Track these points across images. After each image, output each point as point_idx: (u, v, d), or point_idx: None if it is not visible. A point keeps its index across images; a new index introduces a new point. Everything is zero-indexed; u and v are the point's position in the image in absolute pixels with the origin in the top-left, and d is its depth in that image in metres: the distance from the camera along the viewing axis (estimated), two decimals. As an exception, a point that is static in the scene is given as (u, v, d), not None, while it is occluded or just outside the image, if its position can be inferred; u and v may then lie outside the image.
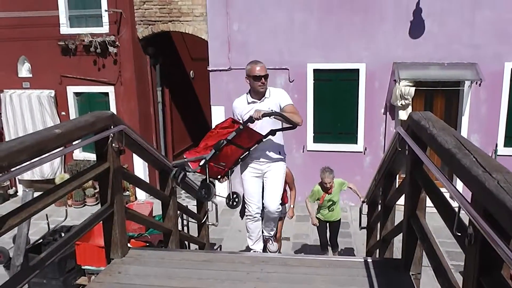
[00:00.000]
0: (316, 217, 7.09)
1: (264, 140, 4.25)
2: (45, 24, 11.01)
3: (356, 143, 10.10)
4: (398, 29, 9.53)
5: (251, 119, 3.93)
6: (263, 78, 4.25)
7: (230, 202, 4.56)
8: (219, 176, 4.49)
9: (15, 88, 11.61)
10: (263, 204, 4.60)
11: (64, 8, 11.08)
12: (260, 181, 4.56)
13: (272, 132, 4.23)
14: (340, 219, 7.23)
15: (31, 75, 11.59)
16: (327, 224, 7.16)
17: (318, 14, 9.72)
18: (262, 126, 4.18)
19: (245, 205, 4.74)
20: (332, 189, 6.84)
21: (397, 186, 3.99)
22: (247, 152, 4.35)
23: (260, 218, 4.69)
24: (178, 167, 4.29)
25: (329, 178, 6.72)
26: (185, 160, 4.24)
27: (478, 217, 1.50)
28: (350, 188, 7.08)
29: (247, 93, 4.45)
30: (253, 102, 4.36)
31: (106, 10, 10.78)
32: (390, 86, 9.68)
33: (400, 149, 3.25)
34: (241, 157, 4.37)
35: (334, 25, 9.72)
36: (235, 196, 4.54)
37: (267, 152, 4.41)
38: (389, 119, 9.89)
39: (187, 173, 4.33)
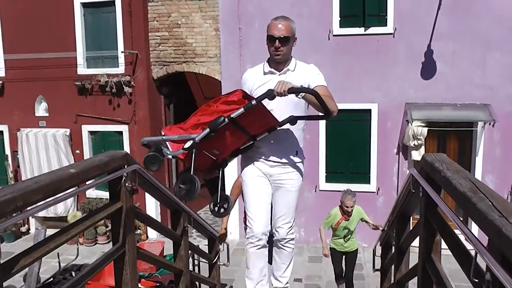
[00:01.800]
0: (329, 247, 6.72)
1: (278, 128, 3.03)
2: (63, 65, 11.31)
3: (369, 183, 10.03)
4: (410, 70, 9.61)
5: (271, 93, 2.70)
6: (278, 41, 3.00)
7: (216, 209, 3.25)
8: (205, 169, 3.20)
9: (31, 126, 11.83)
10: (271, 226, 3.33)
11: (82, 50, 11.40)
12: (267, 189, 3.26)
13: (293, 120, 3.01)
14: (357, 249, 6.86)
15: (47, 114, 11.82)
16: (343, 256, 6.81)
17: (331, 55, 9.86)
18: (280, 109, 2.97)
19: (246, 222, 3.42)
20: (350, 215, 6.51)
21: (411, 228, 3.93)
22: (252, 143, 3.12)
23: (267, 245, 3.32)
24: (151, 147, 2.98)
25: (351, 201, 6.38)
26: (162, 137, 2.94)
27: (496, 263, 1.47)
28: (367, 222, 6.70)
29: (265, 62, 3.22)
30: (271, 73, 3.14)
31: (122, 52, 11.06)
32: (403, 126, 9.69)
33: (414, 191, 3.22)
34: (242, 148, 3.13)
35: (347, 66, 9.84)
36: (224, 199, 3.25)
37: (280, 149, 3.16)
38: (402, 159, 9.84)
39: (163, 157, 2.98)
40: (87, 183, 2.96)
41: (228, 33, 10.32)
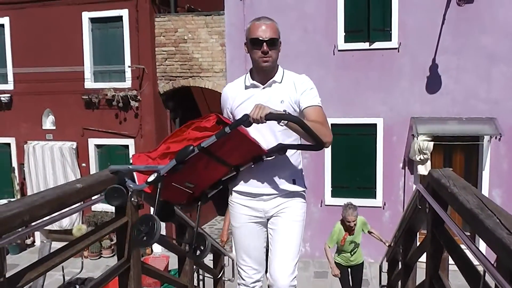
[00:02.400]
0: (335, 262, 6.54)
1: (267, 159, 2.53)
2: (70, 79, 11.41)
3: (375, 197, 9.98)
4: (414, 84, 9.62)
5: (246, 119, 2.16)
6: (266, 45, 2.45)
7: (192, 251, 2.75)
8: (182, 203, 2.75)
9: (38, 139, 11.91)
10: (266, 267, 2.74)
11: (89, 64, 11.50)
12: (263, 231, 2.74)
13: (281, 149, 2.49)
14: (363, 262, 6.69)
15: (54, 127, 11.90)
16: (349, 269, 6.62)
17: (336, 70, 9.89)
18: (264, 135, 2.50)
19: (237, 268, 2.92)
20: (354, 228, 6.32)
21: (418, 244, 3.90)
22: (235, 173, 2.62)
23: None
24: (117, 176, 2.57)
25: (353, 216, 6.18)
26: (129, 167, 2.54)
27: (505, 282, 1.46)
28: (371, 233, 6.60)
29: (247, 73, 2.66)
30: (254, 87, 2.58)
31: (129, 66, 11.16)
32: (408, 140, 9.67)
33: (420, 207, 3.21)
34: (224, 179, 2.64)
35: (351, 81, 9.87)
36: (201, 240, 2.71)
37: (273, 177, 2.59)
38: (408, 174, 9.80)
39: (130, 191, 2.55)
40: (93, 198, 2.97)
41: (234, 48, 10.39)
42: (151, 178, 2.33)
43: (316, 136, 2.24)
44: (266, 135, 2.52)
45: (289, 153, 2.59)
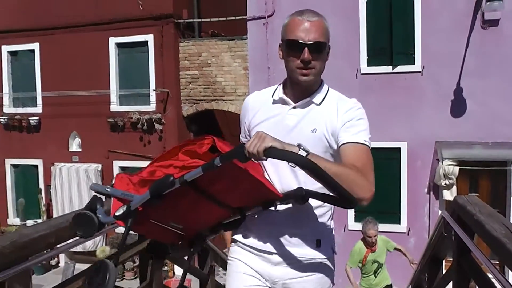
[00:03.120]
0: (360, 287, 6.28)
1: (281, 205, 1.85)
2: (97, 102, 11.66)
3: (399, 223, 9.81)
4: (439, 108, 9.52)
5: (241, 151, 1.56)
6: (308, 51, 1.78)
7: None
8: (174, 245, 2.10)
9: (65, 161, 12.14)
10: None
11: (115, 88, 11.76)
12: None
13: (301, 196, 1.77)
14: (391, 285, 6.37)
15: (80, 150, 12.13)
16: None
17: (358, 94, 9.85)
18: (280, 172, 1.85)
19: None
20: (376, 246, 6.10)
21: (443, 272, 3.82)
22: (239, 217, 1.91)
23: None
24: (90, 200, 1.87)
25: (373, 230, 5.98)
26: (106, 189, 1.86)
27: (533, 314, 1.42)
28: (397, 250, 6.36)
29: (280, 84, 1.99)
30: (283, 103, 1.92)
31: (154, 90, 11.37)
32: (433, 165, 9.52)
33: (445, 234, 3.15)
34: (226, 222, 1.96)
35: (374, 105, 9.82)
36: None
37: (289, 233, 1.88)
38: (433, 199, 9.63)
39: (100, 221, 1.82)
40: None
41: (257, 72, 10.50)
42: (119, 212, 1.73)
43: (342, 190, 1.55)
44: (282, 172, 1.83)
45: (316, 201, 1.84)
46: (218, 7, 11.91)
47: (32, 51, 12.61)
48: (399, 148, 9.76)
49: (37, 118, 12.45)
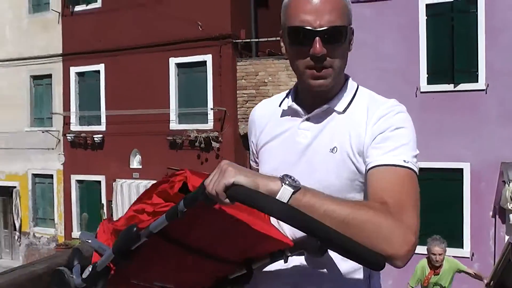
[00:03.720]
0: None
1: (293, 256, 1.26)
2: (157, 121, 12.06)
3: (462, 247, 9.38)
4: (504, 128, 9.10)
5: (201, 193, 1.01)
6: (319, 41, 1.17)
7: None
8: None
9: (126, 178, 12.58)
10: None
11: (175, 106, 12.12)
12: None
13: (316, 247, 1.13)
14: None
15: (140, 167, 12.54)
16: None
17: (418, 113, 9.62)
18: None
19: None
20: (441, 268, 5.66)
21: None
22: (246, 272, 1.32)
23: None
24: (70, 254, 1.37)
25: (439, 248, 5.54)
26: (88, 240, 1.36)
27: None
28: (466, 273, 5.86)
29: (292, 90, 1.43)
30: (294, 115, 1.37)
31: (211, 109, 11.61)
32: (499, 187, 9.07)
33: (512, 260, 2.98)
34: (231, 279, 1.37)
35: (435, 124, 9.54)
36: None
37: None
38: (499, 223, 9.15)
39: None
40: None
41: (313, 91, 10.48)
42: (86, 274, 1.27)
43: (354, 249, 1.01)
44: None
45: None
46: (275, 27, 11.99)
47: (98, 72, 13.28)
48: (462, 169, 9.38)
49: (101, 136, 13.02)
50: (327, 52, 1.19)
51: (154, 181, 1.19)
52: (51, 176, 14.24)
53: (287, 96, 1.42)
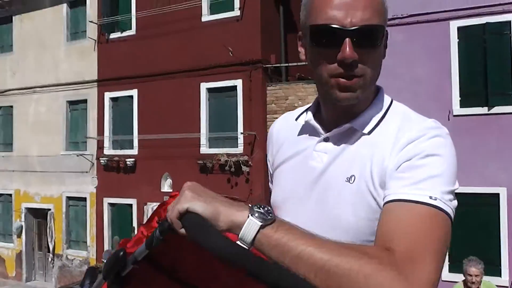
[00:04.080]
0: None
1: None
2: (188, 145, 12.21)
3: (500, 275, 9.04)
4: (543, 152, 8.84)
5: (165, 224, 0.88)
6: (349, 43, 0.96)
7: None
8: None
9: (157, 201, 12.68)
10: None
11: (205, 131, 12.25)
12: None
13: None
14: None
15: (171, 190, 12.63)
16: None
17: (451, 137, 9.43)
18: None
19: None
20: None
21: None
22: None
23: None
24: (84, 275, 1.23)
25: (475, 269, 5.35)
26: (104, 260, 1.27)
27: None
28: None
29: (313, 104, 1.19)
30: (312, 133, 1.14)
31: (241, 133, 11.69)
32: (538, 213, 8.77)
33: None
34: None
35: (468, 147, 9.33)
36: None
37: None
38: (539, 251, 8.81)
39: None
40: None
41: (343, 114, 10.44)
42: None
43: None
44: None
45: None
46: (305, 52, 12.14)
47: (131, 97, 13.59)
48: (497, 194, 9.11)
49: (133, 159, 13.25)
50: (359, 58, 0.98)
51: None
52: (84, 199, 14.52)
53: (307, 110, 1.19)
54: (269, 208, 0.84)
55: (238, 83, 11.90)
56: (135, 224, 13.21)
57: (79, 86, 14.60)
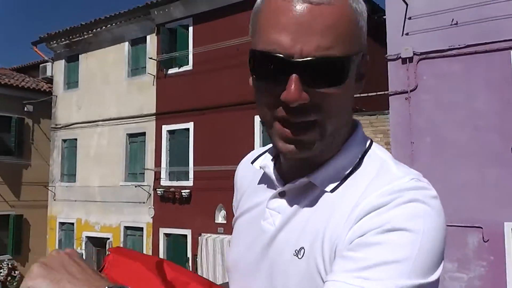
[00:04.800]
0: None
1: None
2: (242, 177, 12.31)
3: None
4: None
5: None
6: (296, 80, 0.69)
7: None
8: None
9: (211, 232, 12.81)
10: None
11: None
12: None
13: None
14: None
15: (225, 222, 12.75)
16: None
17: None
18: None
19: None
20: None
21: None
22: None
23: None
24: None
25: None
26: None
27: None
28: None
29: (271, 146, 0.97)
30: (269, 186, 0.91)
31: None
32: None
33: None
34: None
35: (535, 181, 8.87)
36: None
37: None
38: None
39: None
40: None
41: (399, 147, 10.23)
42: None
43: None
44: None
45: None
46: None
47: (187, 129, 13.97)
48: None
49: (188, 190, 13.49)
50: (312, 100, 0.72)
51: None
52: (141, 229, 14.87)
53: (268, 151, 0.97)
54: None
55: (292, 115, 11.95)
56: (189, 254, 13.35)
57: (138, 119, 15.19)
